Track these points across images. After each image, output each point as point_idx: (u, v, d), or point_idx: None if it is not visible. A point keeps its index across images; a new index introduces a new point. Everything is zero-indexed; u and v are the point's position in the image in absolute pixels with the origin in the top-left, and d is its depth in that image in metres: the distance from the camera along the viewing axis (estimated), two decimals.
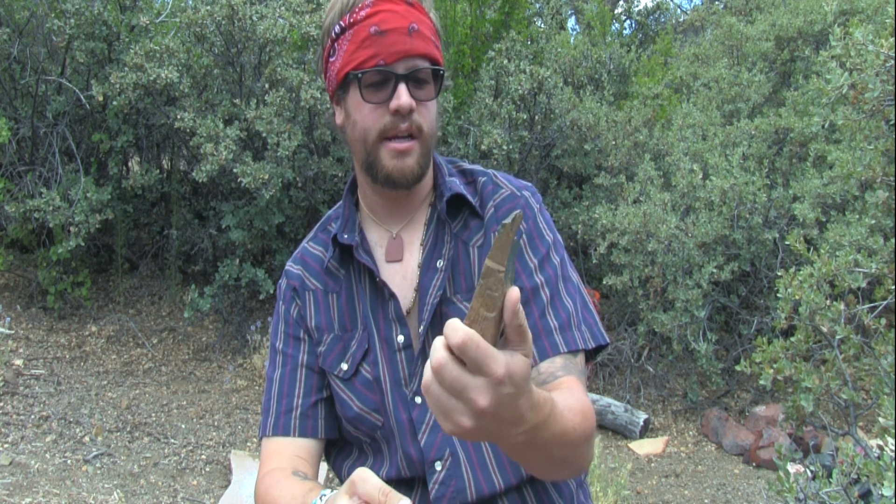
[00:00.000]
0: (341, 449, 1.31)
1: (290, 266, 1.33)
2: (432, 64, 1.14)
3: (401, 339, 1.20)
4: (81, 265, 5.76)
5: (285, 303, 1.30)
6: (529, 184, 1.30)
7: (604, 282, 5.34)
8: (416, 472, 1.18)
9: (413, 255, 1.25)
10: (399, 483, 1.20)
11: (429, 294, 1.20)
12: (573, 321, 1.17)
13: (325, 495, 1.00)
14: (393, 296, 1.20)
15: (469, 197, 1.24)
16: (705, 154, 5.40)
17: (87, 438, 4.27)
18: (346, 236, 1.24)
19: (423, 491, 1.19)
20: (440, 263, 1.21)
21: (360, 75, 1.12)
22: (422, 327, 1.18)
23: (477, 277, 1.20)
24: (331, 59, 1.17)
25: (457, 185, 1.24)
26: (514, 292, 0.72)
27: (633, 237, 5.07)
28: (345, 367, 1.23)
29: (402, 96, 1.11)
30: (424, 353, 1.19)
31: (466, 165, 1.32)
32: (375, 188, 1.22)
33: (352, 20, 1.13)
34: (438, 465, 1.16)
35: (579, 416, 0.99)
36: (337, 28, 1.15)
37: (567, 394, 1.05)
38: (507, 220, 0.72)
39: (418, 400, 1.19)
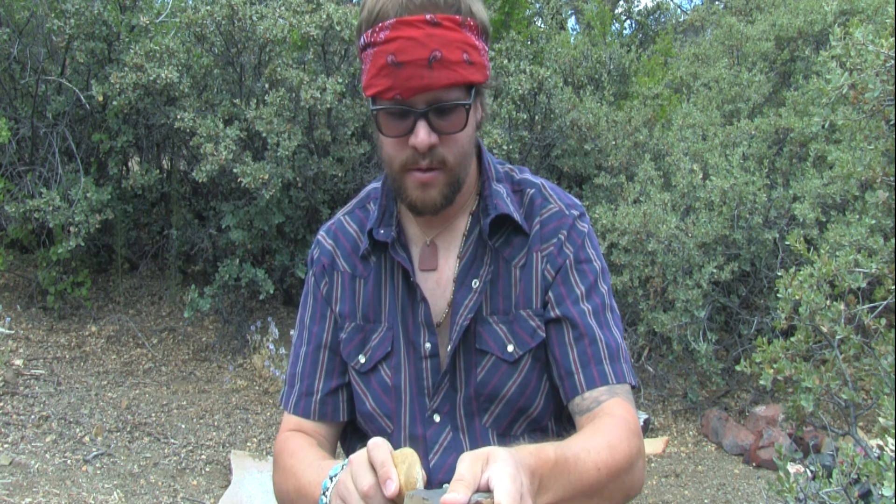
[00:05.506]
0: (360, 431, 1.28)
1: (323, 238, 1.28)
2: (460, 90, 1.05)
3: (428, 346, 1.16)
4: (81, 265, 5.75)
5: (316, 276, 1.26)
6: (579, 202, 1.24)
7: None
8: None
9: (449, 263, 1.20)
10: None
11: (459, 314, 1.15)
12: (621, 353, 1.15)
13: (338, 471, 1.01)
14: (424, 300, 1.16)
15: (515, 215, 1.18)
16: (705, 154, 5.40)
17: (87, 438, 4.27)
18: (381, 231, 1.18)
19: None
20: (475, 284, 1.16)
21: (377, 109, 1.07)
22: (450, 346, 1.15)
23: (514, 298, 1.16)
24: (362, 66, 1.10)
25: (503, 199, 1.18)
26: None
27: (633, 237, 5.06)
28: (362, 359, 1.20)
29: (420, 134, 1.04)
30: (452, 371, 1.16)
31: (517, 173, 1.26)
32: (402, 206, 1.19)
33: (372, 39, 1.04)
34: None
35: (605, 452, 0.97)
36: (362, 40, 1.07)
37: (592, 429, 1.04)
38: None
39: (437, 418, 1.16)
